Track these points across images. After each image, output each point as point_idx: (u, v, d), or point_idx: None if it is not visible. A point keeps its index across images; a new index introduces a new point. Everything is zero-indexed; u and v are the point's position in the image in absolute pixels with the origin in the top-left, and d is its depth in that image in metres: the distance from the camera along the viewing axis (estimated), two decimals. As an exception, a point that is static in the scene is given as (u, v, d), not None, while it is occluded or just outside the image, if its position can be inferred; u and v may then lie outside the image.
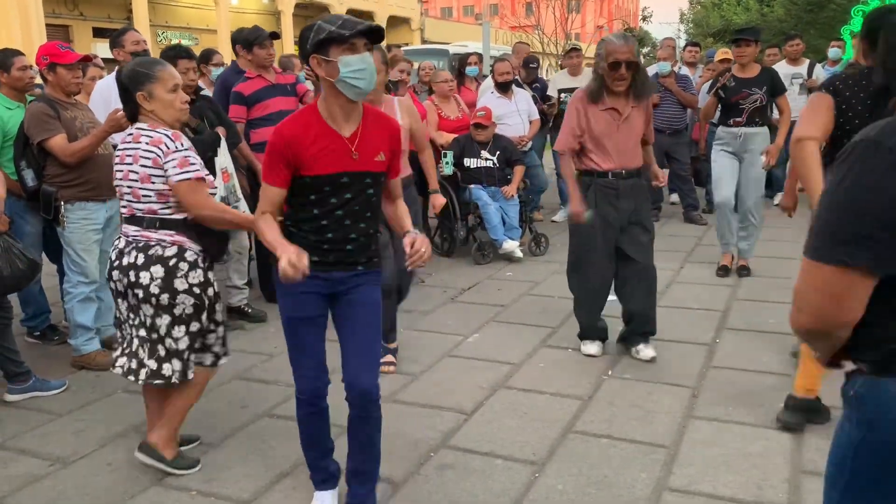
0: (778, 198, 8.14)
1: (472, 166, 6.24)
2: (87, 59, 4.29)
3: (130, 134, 2.84)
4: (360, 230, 2.47)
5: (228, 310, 4.78)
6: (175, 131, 2.84)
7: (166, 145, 2.75)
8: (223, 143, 4.30)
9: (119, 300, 2.90)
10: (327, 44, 2.26)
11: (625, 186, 3.90)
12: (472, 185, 6.23)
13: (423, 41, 30.23)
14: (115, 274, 2.84)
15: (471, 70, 7.67)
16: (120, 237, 2.89)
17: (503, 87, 6.79)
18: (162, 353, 2.82)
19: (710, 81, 5.80)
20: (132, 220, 2.84)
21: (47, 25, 17.65)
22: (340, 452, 2.69)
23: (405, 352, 4.20)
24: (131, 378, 2.87)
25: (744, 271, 5.58)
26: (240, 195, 4.36)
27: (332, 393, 2.61)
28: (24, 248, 3.61)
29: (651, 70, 7.53)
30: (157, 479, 2.92)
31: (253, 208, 3.28)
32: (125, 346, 2.94)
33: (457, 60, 8.82)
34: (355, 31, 2.25)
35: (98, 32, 21.16)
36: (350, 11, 27.48)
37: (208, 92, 5.47)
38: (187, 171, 2.75)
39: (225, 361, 3.07)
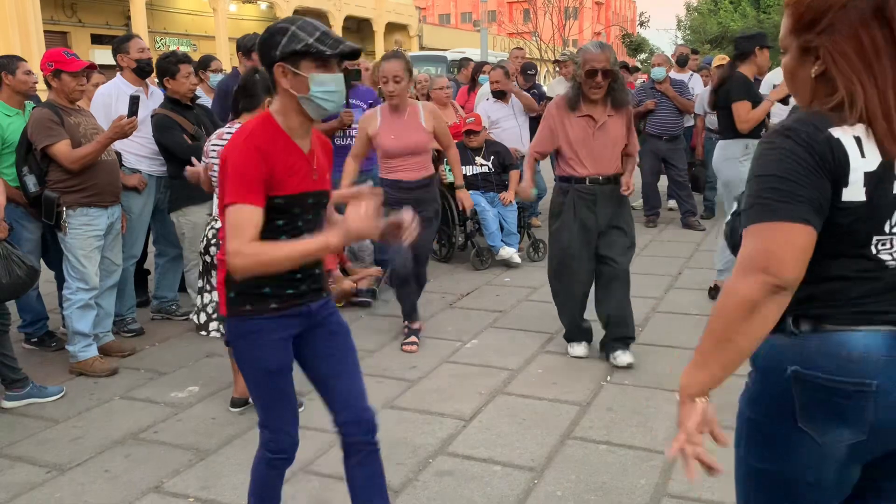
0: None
1: (468, 173, 6.24)
2: (92, 67, 4.31)
3: (229, 133, 3.39)
4: None
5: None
6: None
7: None
8: None
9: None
10: (300, 56, 2.00)
11: (602, 192, 3.95)
12: (470, 191, 6.23)
13: (421, 47, 30.29)
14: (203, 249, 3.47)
15: (483, 78, 7.77)
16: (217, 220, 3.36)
17: (498, 94, 6.85)
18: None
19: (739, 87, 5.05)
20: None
21: (46, 32, 17.64)
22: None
23: (403, 357, 4.21)
24: (203, 333, 3.62)
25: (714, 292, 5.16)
26: None
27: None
28: (23, 254, 3.61)
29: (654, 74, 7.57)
30: (154, 486, 2.91)
31: None
32: (211, 311, 3.56)
33: (455, 67, 8.89)
34: (338, 52, 2.01)
35: (96, 39, 21.18)
36: (348, 18, 27.52)
37: (207, 98, 5.49)
38: None
39: None
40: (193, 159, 3.76)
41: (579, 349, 4.16)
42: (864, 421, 1.36)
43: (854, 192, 1.32)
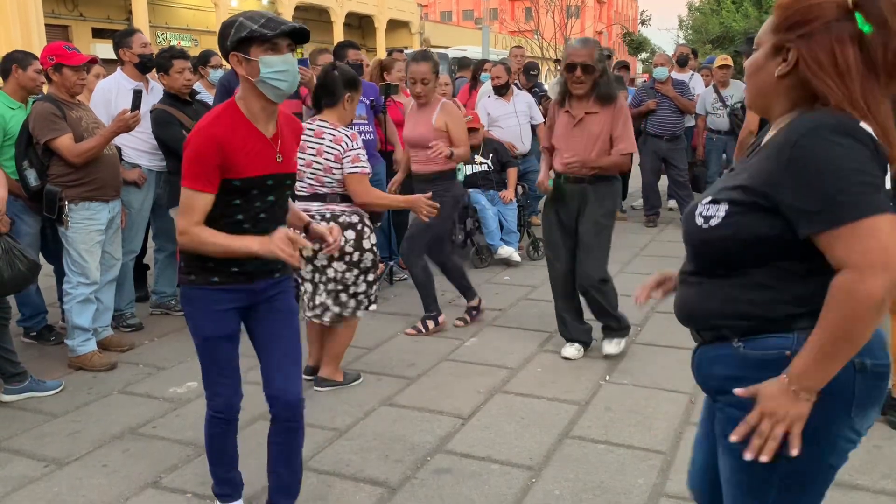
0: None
1: (468, 172, 6.25)
2: (94, 62, 4.31)
3: (312, 129, 3.48)
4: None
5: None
6: (353, 132, 3.52)
7: (346, 144, 3.45)
8: None
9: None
10: (248, 42, 2.17)
11: (571, 190, 3.96)
12: (470, 190, 6.24)
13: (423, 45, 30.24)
14: None
15: (485, 76, 7.77)
16: None
17: (499, 90, 6.85)
18: (344, 298, 3.57)
19: None
20: (314, 197, 3.51)
21: (47, 26, 17.65)
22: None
23: (402, 355, 4.21)
24: (317, 320, 3.63)
25: None
26: None
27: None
28: (24, 248, 3.60)
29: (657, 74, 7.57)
30: (152, 481, 2.91)
31: None
32: (308, 301, 3.64)
33: (455, 64, 8.91)
34: (278, 32, 2.17)
35: (97, 33, 21.18)
36: (349, 14, 27.50)
37: (207, 93, 5.48)
38: (356, 167, 3.45)
39: (374, 308, 3.78)
40: None
41: (569, 350, 4.13)
42: (883, 400, 1.49)
43: (888, 180, 1.40)
